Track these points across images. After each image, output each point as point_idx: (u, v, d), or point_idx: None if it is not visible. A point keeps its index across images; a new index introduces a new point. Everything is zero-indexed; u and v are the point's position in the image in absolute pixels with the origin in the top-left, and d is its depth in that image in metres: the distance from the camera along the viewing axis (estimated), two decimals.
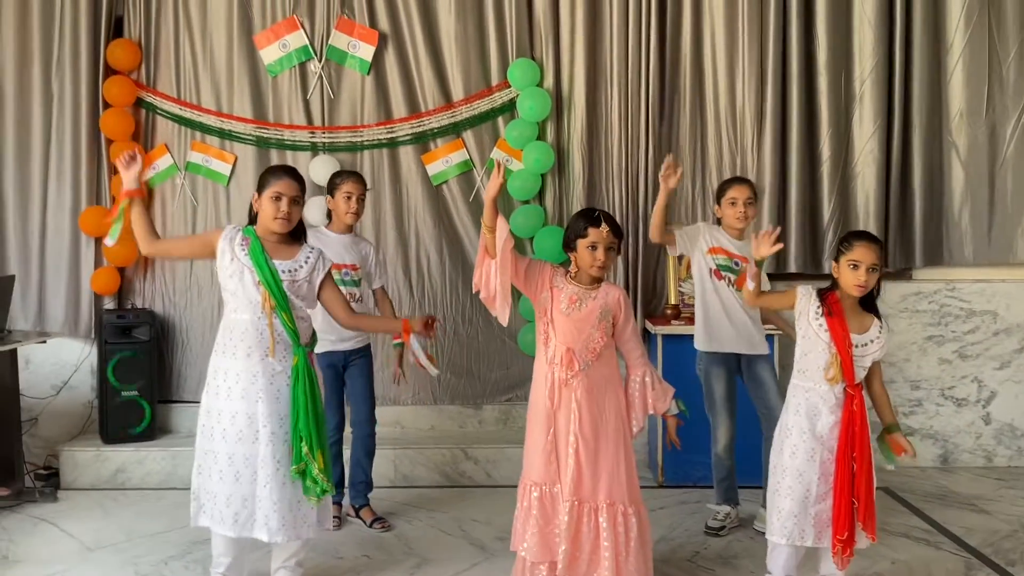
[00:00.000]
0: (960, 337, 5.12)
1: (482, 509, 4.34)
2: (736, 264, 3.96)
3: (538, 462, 3.14)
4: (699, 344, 4.06)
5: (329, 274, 3.29)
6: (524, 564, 3.16)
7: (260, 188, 3.21)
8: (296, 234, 3.27)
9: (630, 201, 5.04)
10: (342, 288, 3.95)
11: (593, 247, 3.09)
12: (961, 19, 5.01)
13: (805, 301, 3.15)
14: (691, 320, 4.28)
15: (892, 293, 5.11)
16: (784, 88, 5.02)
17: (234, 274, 3.14)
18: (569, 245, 3.17)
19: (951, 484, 4.78)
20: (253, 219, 3.28)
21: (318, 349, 3.46)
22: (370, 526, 4.10)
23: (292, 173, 3.24)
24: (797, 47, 4.99)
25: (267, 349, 3.11)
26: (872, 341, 3.10)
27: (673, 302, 4.91)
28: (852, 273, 3.07)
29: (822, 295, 3.15)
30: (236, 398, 3.11)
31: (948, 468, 5.09)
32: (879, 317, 3.16)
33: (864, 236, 3.15)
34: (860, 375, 3.11)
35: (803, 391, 3.15)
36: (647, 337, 4.95)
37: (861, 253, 3.06)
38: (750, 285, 3.20)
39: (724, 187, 4.05)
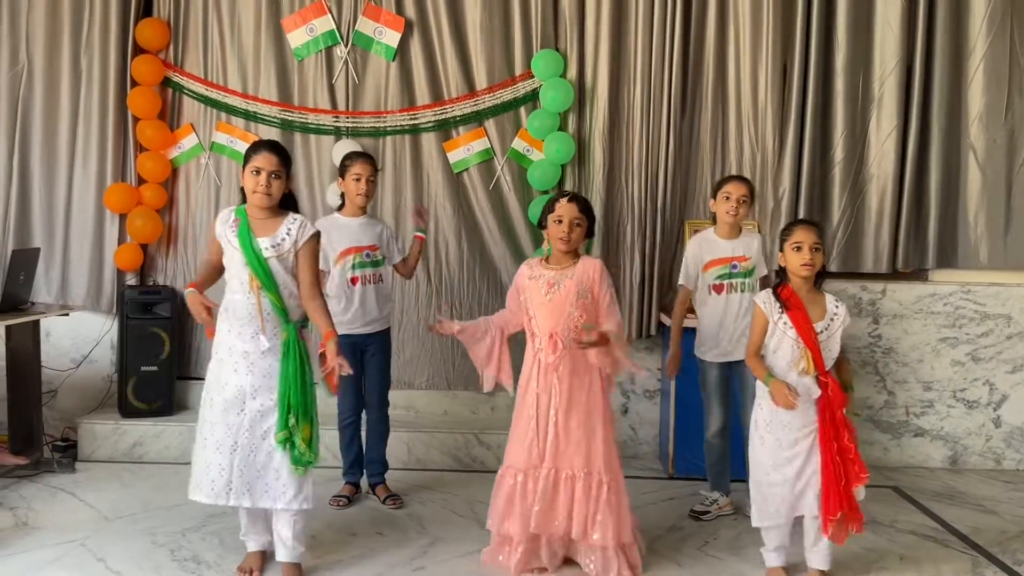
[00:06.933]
0: (974, 340, 5.13)
1: None
2: (735, 267, 4.01)
3: (519, 448, 3.35)
4: (702, 354, 4.12)
5: (310, 242, 3.22)
6: (504, 542, 3.42)
7: (244, 163, 3.24)
8: (285, 206, 3.28)
9: (649, 195, 5.05)
10: (363, 270, 4.03)
11: (559, 220, 3.31)
12: (984, 24, 5.02)
13: (768, 307, 3.27)
14: None
15: (907, 294, 5.14)
16: (804, 88, 5.04)
17: (229, 255, 3.22)
18: (542, 223, 3.40)
19: (960, 485, 4.80)
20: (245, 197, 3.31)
21: (340, 331, 3.49)
22: (383, 502, 4.17)
23: (273, 147, 3.25)
24: (816, 48, 5.00)
25: (257, 327, 3.18)
26: (832, 319, 3.22)
27: None
28: (796, 255, 3.21)
29: (776, 293, 3.27)
30: (228, 371, 3.21)
31: (957, 470, 5.11)
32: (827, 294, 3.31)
33: (801, 221, 3.43)
34: (829, 362, 3.22)
35: None
36: (661, 329, 4.99)
37: (801, 235, 3.22)
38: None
39: (722, 183, 4.12)
